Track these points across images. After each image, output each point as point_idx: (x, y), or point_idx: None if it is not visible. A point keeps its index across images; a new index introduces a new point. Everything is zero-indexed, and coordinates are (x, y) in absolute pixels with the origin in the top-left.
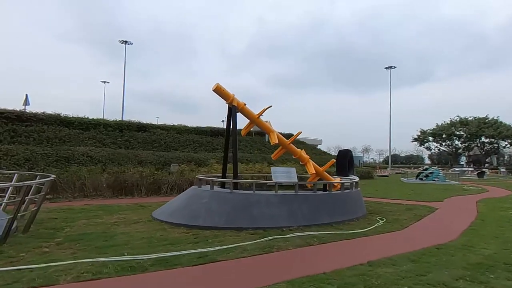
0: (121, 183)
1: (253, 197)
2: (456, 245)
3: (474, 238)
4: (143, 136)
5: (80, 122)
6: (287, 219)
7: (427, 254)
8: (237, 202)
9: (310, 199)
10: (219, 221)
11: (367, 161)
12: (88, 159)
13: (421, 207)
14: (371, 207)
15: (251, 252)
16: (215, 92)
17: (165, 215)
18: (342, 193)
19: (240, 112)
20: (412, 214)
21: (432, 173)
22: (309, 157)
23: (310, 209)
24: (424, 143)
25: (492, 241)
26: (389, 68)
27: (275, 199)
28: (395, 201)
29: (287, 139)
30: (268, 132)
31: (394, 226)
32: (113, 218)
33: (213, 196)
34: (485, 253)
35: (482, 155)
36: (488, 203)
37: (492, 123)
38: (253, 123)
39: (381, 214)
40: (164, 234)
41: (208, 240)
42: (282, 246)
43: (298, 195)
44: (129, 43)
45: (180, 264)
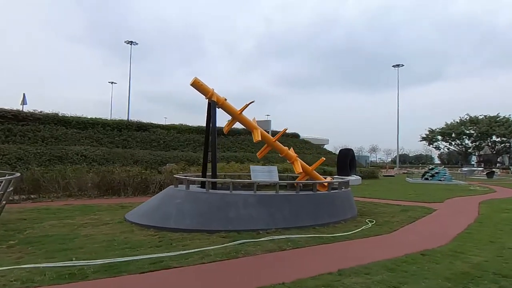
0: (108, 183)
1: (229, 198)
2: (444, 251)
3: (467, 243)
4: (142, 136)
5: (77, 121)
6: (265, 221)
7: (408, 261)
8: (211, 203)
9: (291, 199)
10: (191, 223)
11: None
12: (82, 158)
13: (419, 208)
14: (365, 208)
15: (214, 257)
16: (192, 86)
17: (136, 217)
18: (328, 194)
19: (220, 107)
20: (406, 216)
21: (438, 173)
22: (296, 156)
23: (291, 210)
24: (432, 142)
25: (486, 246)
26: (397, 66)
27: (253, 199)
28: (393, 201)
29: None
30: (251, 129)
31: (383, 229)
32: (85, 219)
33: (187, 196)
34: (474, 261)
35: (493, 154)
36: (492, 204)
37: (504, 121)
38: (235, 120)
39: (372, 216)
40: (128, 237)
41: (172, 244)
42: (250, 251)
43: (279, 195)
44: (134, 43)
45: (127, 271)
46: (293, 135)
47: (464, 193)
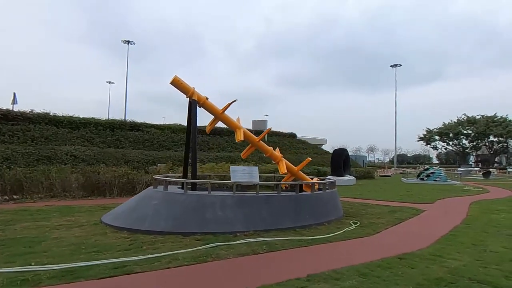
0: (93, 183)
1: (207, 199)
2: (423, 254)
3: (449, 246)
4: (135, 135)
5: (69, 121)
6: (243, 223)
7: (384, 265)
8: (188, 204)
9: (272, 201)
10: (166, 225)
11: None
12: (72, 158)
13: (408, 209)
14: (352, 209)
15: (181, 262)
16: (172, 85)
17: (112, 218)
18: (311, 195)
19: (201, 107)
20: (393, 217)
21: (433, 173)
22: (281, 156)
23: (271, 212)
24: (430, 142)
25: (468, 249)
26: (395, 66)
27: (231, 201)
28: (383, 202)
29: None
30: (234, 129)
31: (366, 231)
32: (61, 220)
33: (164, 197)
34: (452, 265)
35: (490, 154)
36: (483, 205)
37: (501, 121)
38: (217, 119)
39: (358, 217)
40: (99, 240)
41: (142, 247)
42: (222, 255)
43: (259, 196)
44: (131, 43)
45: (86, 277)
46: (290, 135)
47: (457, 193)
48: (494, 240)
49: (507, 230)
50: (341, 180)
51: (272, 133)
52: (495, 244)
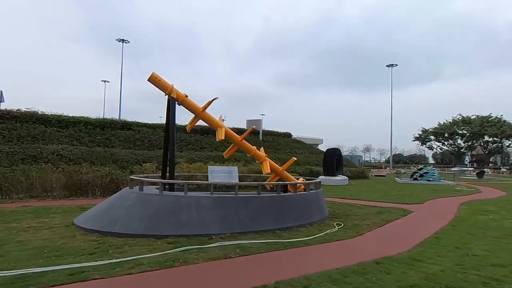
0: (76, 183)
1: (183, 200)
2: (403, 258)
3: (431, 249)
4: (126, 134)
5: (58, 119)
6: (220, 225)
7: (359, 271)
8: (163, 206)
9: (251, 202)
10: (139, 227)
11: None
12: (58, 157)
13: (396, 210)
14: (339, 210)
15: (145, 267)
16: (150, 82)
17: (83, 220)
18: (293, 195)
19: (181, 104)
20: (379, 219)
21: (426, 173)
22: (265, 155)
23: (250, 213)
24: (425, 142)
25: (449, 253)
26: (391, 66)
27: (208, 202)
28: (372, 203)
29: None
30: (215, 127)
31: (348, 233)
32: (33, 222)
33: (138, 198)
34: (430, 270)
35: (485, 154)
36: (472, 206)
37: (496, 121)
38: (198, 117)
39: (343, 218)
40: (65, 243)
41: (108, 251)
42: (190, 260)
43: (237, 197)
44: (126, 41)
45: (37, 284)
46: (285, 134)
47: (449, 193)
48: (479, 243)
49: (493, 232)
50: (334, 180)
51: (267, 132)
52: (478, 247)
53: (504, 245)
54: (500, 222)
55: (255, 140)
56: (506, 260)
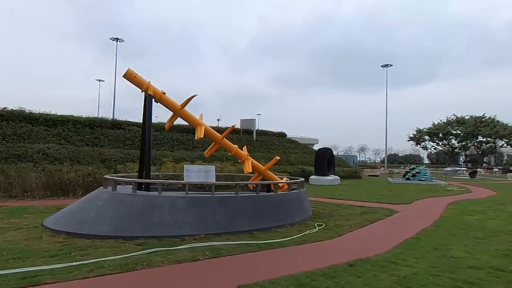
0: (56, 183)
1: (156, 200)
2: (378, 260)
3: (409, 250)
4: (116, 134)
5: (45, 118)
6: (194, 226)
7: (329, 274)
8: (135, 206)
9: (227, 202)
10: (108, 228)
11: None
12: (43, 157)
13: (382, 210)
14: (324, 210)
15: (105, 270)
16: (125, 78)
17: (53, 221)
18: (272, 195)
19: (158, 102)
20: (362, 219)
21: (419, 172)
22: (248, 154)
23: (226, 214)
24: (420, 142)
25: (427, 255)
26: (385, 66)
27: (182, 202)
28: (360, 203)
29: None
30: (194, 126)
31: (328, 234)
32: (2, 223)
33: (110, 198)
34: (402, 274)
35: (479, 154)
36: (460, 206)
37: (489, 122)
38: (176, 115)
39: (326, 219)
40: (29, 245)
41: (71, 253)
42: (154, 262)
43: (213, 197)
44: (120, 40)
45: None
46: (279, 134)
47: (439, 193)
48: (459, 243)
49: (475, 232)
50: (325, 180)
51: (261, 132)
52: (458, 249)
53: (484, 246)
54: (485, 222)
55: (249, 139)
56: (484, 262)
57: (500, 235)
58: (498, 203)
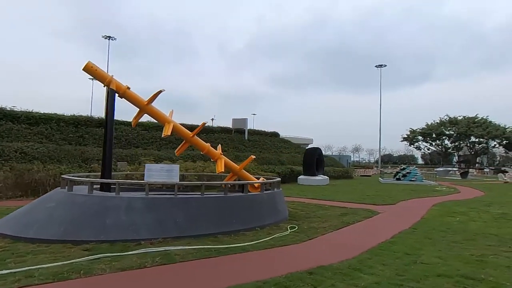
0: (26, 183)
1: (111, 201)
2: (341, 267)
3: (378, 256)
4: (101, 132)
5: (27, 116)
6: (152, 229)
7: (282, 283)
8: (88, 208)
9: (191, 203)
10: (57, 232)
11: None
12: (21, 155)
13: (363, 211)
14: (302, 212)
15: (34, 280)
16: (85, 71)
17: (0, 224)
18: (241, 196)
19: (122, 97)
20: (339, 221)
21: (409, 173)
22: (221, 153)
23: (189, 216)
24: (413, 142)
25: (397, 260)
26: (380, 66)
27: (140, 203)
28: (343, 204)
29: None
30: (162, 123)
31: (298, 237)
32: None
33: (64, 199)
34: (363, 283)
35: (471, 155)
36: (444, 207)
37: (482, 122)
38: (142, 112)
39: (302, 221)
40: None
41: (6, 260)
42: (95, 270)
43: (175, 198)
44: (112, 38)
45: None
46: (272, 134)
47: (426, 194)
48: (433, 248)
49: (454, 235)
50: (313, 180)
51: (253, 132)
52: (431, 254)
53: (459, 251)
54: (466, 224)
55: (241, 139)
56: (455, 269)
57: (478, 238)
58: (484, 204)
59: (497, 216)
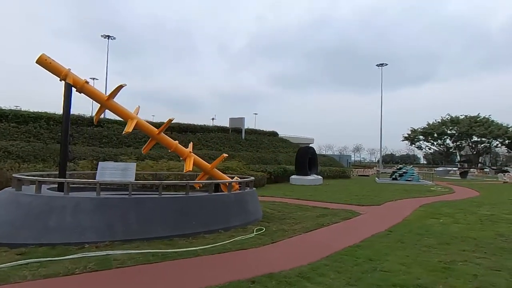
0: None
1: (57, 202)
2: (289, 275)
3: (337, 262)
4: (92, 131)
5: (16, 115)
6: (100, 232)
7: None
8: (32, 208)
9: (146, 204)
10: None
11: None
12: (5, 154)
13: (344, 212)
14: (279, 212)
15: None
16: (39, 64)
17: None
18: (204, 197)
19: (80, 92)
20: (314, 223)
21: (406, 172)
22: (190, 151)
23: (142, 217)
24: (414, 142)
25: (354, 268)
26: (380, 65)
27: (89, 204)
28: (326, 204)
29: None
30: (125, 119)
31: (261, 240)
32: None
33: (7, 199)
34: None
35: (474, 155)
36: (431, 208)
37: (484, 121)
38: (103, 107)
39: (275, 222)
40: None
41: None
42: (13, 278)
43: (128, 199)
44: (111, 38)
45: None
46: (270, 133)
47: (419, 194)
48: (402, 253)
49: (429, 239)
50: (305, 179)
51: (251, 131)
52: (396, 260)
53: (428, 257)
54: (447, 226)
55: (237, 138)
56: (414, 278)
57: (455, 242)
58: (474, 205)
59: (484, 218)
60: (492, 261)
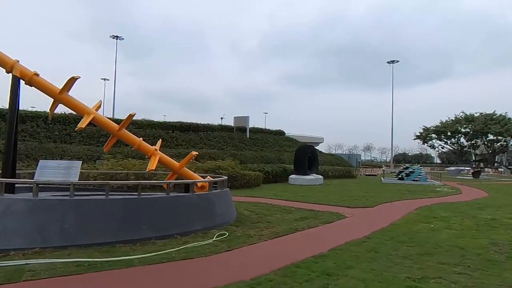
0: None
1: None
2: None
3: (288, 276)
4: (91, 131)
5: None
6: (31, 237)
7: None
8: None
9: (88, 207)
10: None
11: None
12: None
13: (330, 215)
14: (257, 215)
15: None
16: None
17: None
18: (160, 198)
19: (30, 85)
20: (289, 227)
21: (412, 172)
22: (155, 149)
23: (82, 221)
24: (427, 141)
25: (303, 284)
26: (392, 62)
27: (22, 206)
28: (314, 206)
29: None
30: (81, 113)
31: (218, 247)
32: None
33: None
34: None
35: (489, 154)
36: (426, 210)
37: (500, 119)
38: (56, 102)
39: (245, 226)
40: None
41: None
42: None
43: (67, 201)
44: (120, 38)
45: None
46: (277, 132)
47: (422, 195)
48: (368, 266)
49: (411, 248)
50: (304, 179)
51: (256, 130)
52: (358, 274)
53: (397, 271)
54: (436, 233)
55: (242, 137)
56: None
57: (438, 252)
58: (477, 208)
59: (482, 222)
60: (472, 279)
